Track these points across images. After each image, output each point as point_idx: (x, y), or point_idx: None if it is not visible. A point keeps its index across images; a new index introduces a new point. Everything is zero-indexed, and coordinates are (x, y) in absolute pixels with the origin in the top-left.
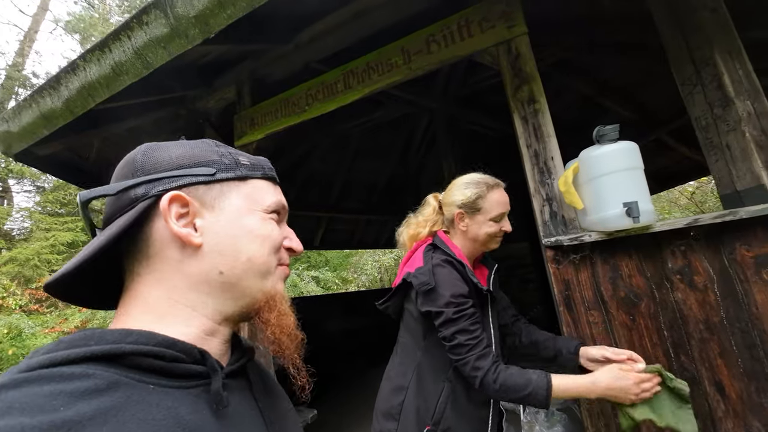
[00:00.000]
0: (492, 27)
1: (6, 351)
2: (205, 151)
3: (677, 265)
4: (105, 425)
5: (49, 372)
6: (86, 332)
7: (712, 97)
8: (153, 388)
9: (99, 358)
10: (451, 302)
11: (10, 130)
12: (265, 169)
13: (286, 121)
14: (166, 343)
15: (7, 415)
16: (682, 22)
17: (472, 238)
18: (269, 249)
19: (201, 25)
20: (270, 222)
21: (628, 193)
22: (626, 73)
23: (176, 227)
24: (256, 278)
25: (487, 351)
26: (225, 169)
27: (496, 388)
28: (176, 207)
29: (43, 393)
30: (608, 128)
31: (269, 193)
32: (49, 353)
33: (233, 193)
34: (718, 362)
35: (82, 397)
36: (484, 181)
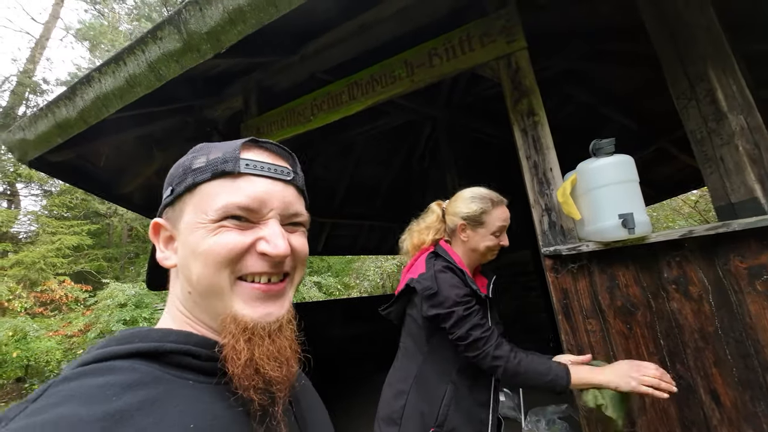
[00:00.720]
0: (493, 42)
1: (11, 353)
2: (177, 166)
3: (673, 275)
4: (150, 415)
5: (102, 366)
6: (133, 331)
7: (706, 111)
8: (191, 384)
9: (143, 355)
10: (459, 302)
11: (26, 138)
12: (218, 164)
13: (292, 131)
14: (203, 343)
15: (68, 402)
16: (676, 38)
17: (471, 249)
18: (213, 266)
19: (213, 41)
20: (216, 232)
21: (624, 205)
22: (628, 83)
23: (158, 252)
24: (210, 299)
25: (500, 340)
26: (179, 183)
27: (520, 372)
28: (162, 232)
29: (97, 384)
30: (604, 142)
31: (219, 196)
32: (103, 348)
33: (187, 208)
34: (713, 371)
35: (129, 389)
36: (489, 197)
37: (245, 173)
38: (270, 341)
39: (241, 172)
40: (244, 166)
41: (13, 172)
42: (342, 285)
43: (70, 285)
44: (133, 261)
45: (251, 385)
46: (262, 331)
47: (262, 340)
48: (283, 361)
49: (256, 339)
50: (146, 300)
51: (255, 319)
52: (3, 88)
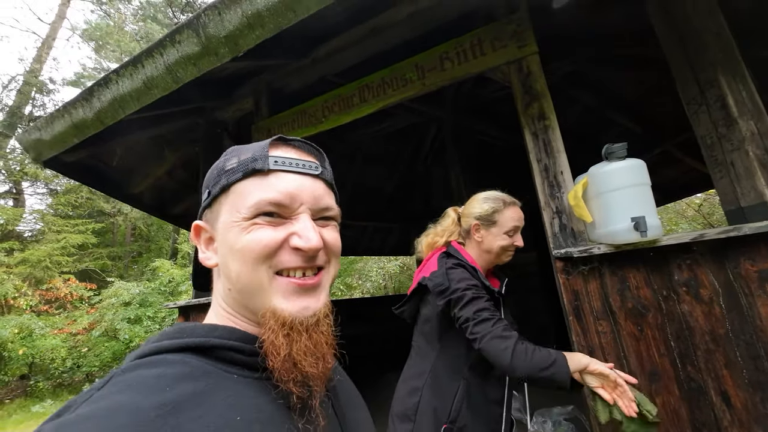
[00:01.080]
0: (504, 46)
1: (16, 351)
2: (212, 169)
3: (683, 277)
4: (200, 407)
5: (156, 358)
6: (181, 326)
7: (716, 116)
8: (236, 378)
9: (192, 349)
10: (469, 287)
11: (42, 138)
12: (248, 163)
13: (303, 132)
14: (246, 338)
15: (127, 391)
16: (686, 43)
17: (486, 250)
18: (252, 261)
19: (231, 45)
20: (252, 228)
21: (636, 208)
22: (634, 87)
23: (200, 253)
24: (251, 296)
25: (509, 326)
26: (214, 185)
27: (529, 356)
28: (203, 234)
29: (152, 375)
30: (617, 146)
31: (251, 194)
32: (157, 342)
33: (223, 208)
34: (723, 373)
35: (181, 380)
36: (502, 198)
37: (274, 170)
38: (307, 336)
39: (270, 169)
40: (273, 163)
41: (18, 171)
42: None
43: (75, 283)
44: (137, 260)
45: (291, 378)
46: (300, 326)
47: (299, 336)
48: (320, 356)
49: (293, 334)
50: (150, 299)
51: (293, 314)
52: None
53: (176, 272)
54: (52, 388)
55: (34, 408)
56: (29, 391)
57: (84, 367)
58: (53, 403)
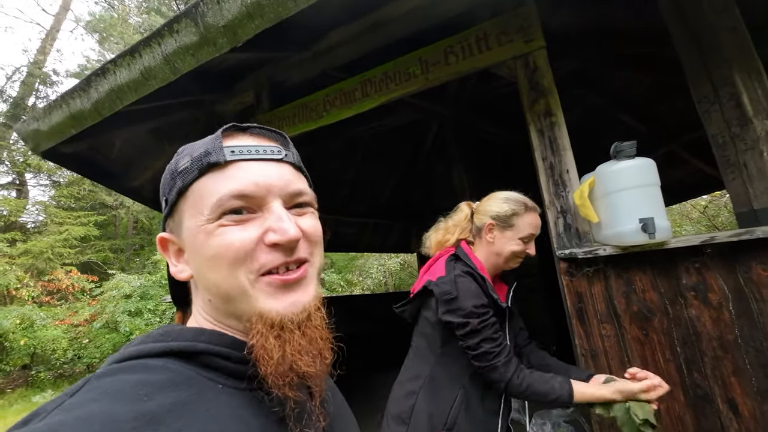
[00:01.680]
0: (510, 41)
1: (18, 341)
2: (164, 174)
3: (692, 281)
4: (180, 419)
5: (136, 363)
6: (166, 328)
7: (729, 115)
8: (221, 387)
9: (177, 354)
10: (474, 312)
11: (40, 128)
12: (202, 158)
13: (304, 126)
14: (234, 345)
15: (102, 399)
16: (699, 40)
17: (496, 252)
18: (227, 267)
19: (229, 35)
20: (219, 231)
21: (644, 209)
22: (639, 85)
23: (171, 267)
24: (233, 303)
25: (510, 357)
26: (169, 191)
27: (522, 391)
28: (171, 246)
29: (131, 382)
30: (626, 144)
31: (210, 189)
32: (138, 345)
33: (184, 214)
34: (731, 380)
35: (161, 389)
36: (523, 201)
37: (232, 160)
38: (300, 334)
39: (227, 160)
40: (229, 153)
41: (22, 162)
42: (345, 282)
43: (77, 275)
44: (139, 253)
45: (286, 382)
46: (290, 324)
47: (291, 334)
48: (316, 353)
49: (285, 334)
50: (151, 292)
51: (281, 312)
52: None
53: None
54: (53, 378)
55: (35, 398)
56: (31, 382)
57: (85, 358)
58: (54, 393)
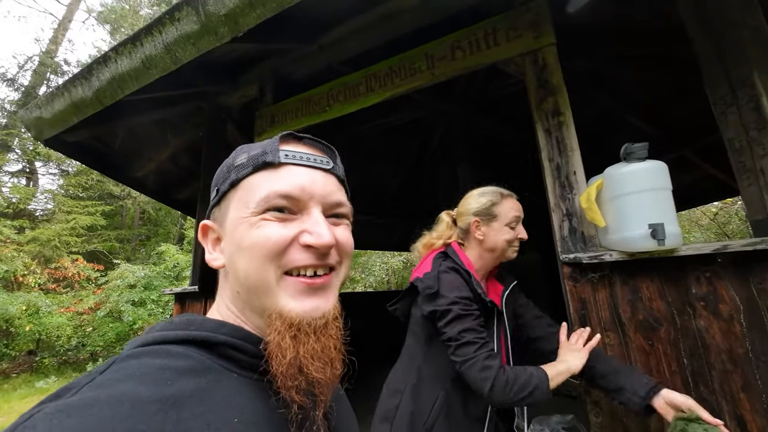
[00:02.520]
0: (519, 36)
1: (24, 327)
2: (221, 167)
3: (701, 291)
4: (201, 404)
5: (160, 348)
6: (189, 317)
7: (747, 118)
8: (236, 377)
9: (197, 343)
10: (457, 301)
11: (43, 116)
12: (258, 157)
13: (307, 120)
14: (251, 339)
15: (130, 380)
16: (719, 39)
17: (490, 248)
18: (260, 258)
19: (230, 24)
20: (261, 224)
21: (655, 214)
22: (650, 88)
23: (207, 253)
24: (257, 296)
25: (493, 353)
26: (223, 182)
27: (509, 387)
28: (211, 234)
29: (155, 366)
30: (637, 146)
31: (261, 187)
32: (162, 331)
33: (231, 205)
34: (740, 396)
35: (183, 374)
36: (498, 191)
37: (285, 163)
38: (315, 339)
39: (281, 162)
40: (283, 156)
41: (32, 151)
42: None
43: (83, 264)
44: (144, 243)
45: (294, 385)
46: (307, 328)
47: (307, 338)
48: (327, 361)
49: (301, 336)
50: (155, 282)
51: (301, 314)
52: (26, 68)
53: (181, 257)
54: (57, 364)
55: (39, 383)
56: (35, 367)
57: (88, 346)
58: (57, 379)
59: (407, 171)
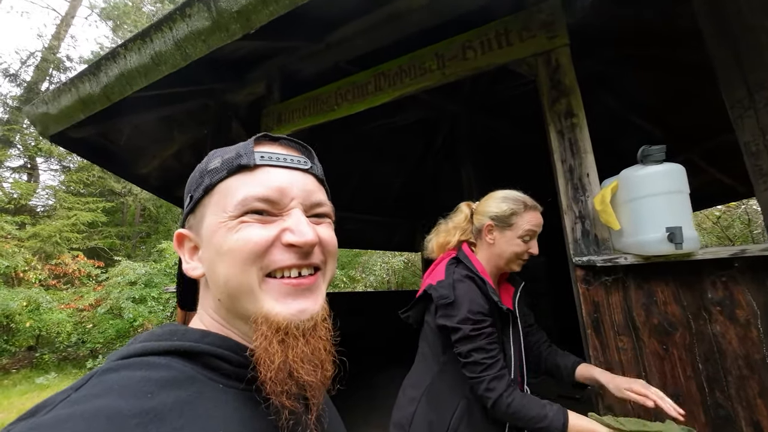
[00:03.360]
0: (532, 37)
1: (24, 323)
2: (193, 173)
3: (718, 296)
4: (182, 416)
5: (141, 360)
6: (172, 327)
7: (765, 122)
8: (222, 388)
9: (180, 353)
10: (469, 318)
11: (49, 112)
12: (233, 161)
13: (314, 119)
14: (236, 348)
15: (108, 394)
16: (736, 41)
17: (497, 254)
18: (239, 264)
19: (242, 21)
20: (240, 227)
21: (672, 218)
22: (659, 90)
23: (184, 263)
24: (240, 301)
25: (502, 373)
26: (196, 188)
27: (509, 413)
28: (187, 242)
29: (135, 378)
30: (654, 149)
31: (237, 189)
32: (143, 342)
33: (207, 211)
34: (757, 402)
35: (164, 387)
36: (523, 200)
37: (261, 165)
38: (304, 342)
39: (257, 164)
40: (259, 158)
41: (34, 146)
42: (347, 278)
43: (83, 260)
44: (145, 240)
45: (284, 390)
46: (296, 331)
47: (296, 341)
48: (318, 363)
49: (289, 340)
50: (156, 280)
51: (288, 318)
52: (28, 64)
53: None
54: (57, 361)
55: (39, 379)
56: (35, 363)
57: (88, 342)
58: (57, 375)
59: (410, 171)
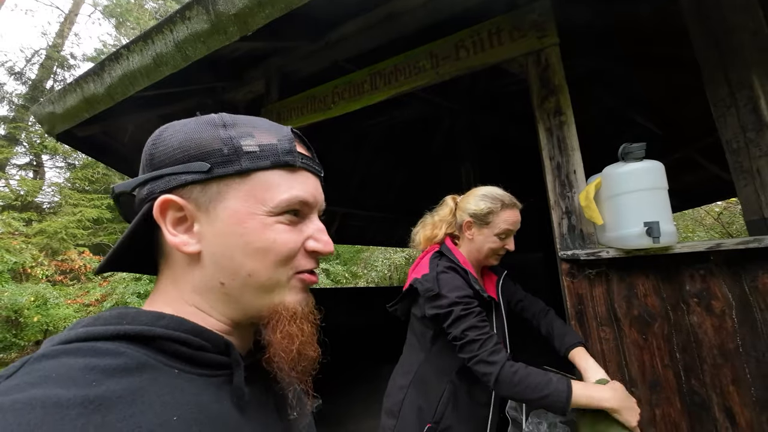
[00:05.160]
0: (523, 36)
1: (32, 318)
2: (206, 138)
3: (695, 288)
4: (132, 405)
5: (84, 346)
6: (121, 310)
7: (745, 120)
8: (177, 373)
9: (131, 338)
10: (457, 302)
11: (55, 111)
12: (279, 154)
13: (311, 118)
14: (194, 331)
15: (44, 384)
16: (719, 41)
17: (476, 249)
18: (273, 262)
19: (240, 23)
20: (276, 227)
21: (650, 213)
22: (656, 87)
23: (169, 235)
24: (258, 294)
25: (498, 347)
26: (223, 163)
27: (515, 382)
28: (172, 212)
29: (78, 366)
30: (634, 146)
31: (280, 188)
32: (87, 327)
33: (231, 193)
34: (730, 389)
35: (112, 374)
36: (501, 198)
37: (301, 168)
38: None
39: (298, 166)
40: (300, 160)
41: (39, 144)
42: (350, 274)
43: (89, 256)
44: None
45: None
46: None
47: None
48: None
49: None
50: None
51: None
52: (33, 62)
53: None
54: None
55: None
56: None
57: None
58: None
59: (411, 168)
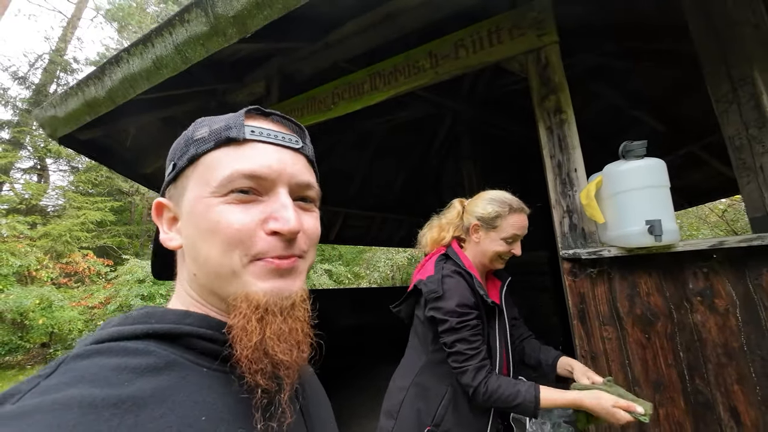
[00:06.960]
0: (522, 35)
1: (37, 320)
2: (179, 140)
3: (698, 286)
4: (163, 404)
5: (115, 345)
6: (148, 310)
7: (748, 116)
8: (206, 371)
9: (159, 336)
10: (456, 311)
11: (57, 115)
12: (221, 132)
13: (312, 118)
14: (220, 327)
15: (79, 384)
16: (720, 36)
17: (482, 252)
18: (221, 247)
19: (239, 25)
20: (220, 208)
21: (652, 211)
22: (660, 84)
23: (162, 234)
24: (220, 282)
25: (484, 363)
26: (181, 156)
27: (485, 398)
28: (166, 212)
29: (110, 366)
30: (635, 144)
31: (224, 163)
32: (118, 327)
33: (189, 182)
34: (734, 388)
35: (143, 373)
36: (508, 202)
37: (251, 140)
38: (282, 320)
39: (246, 138)
40: (249, 132)
41: (43, 148)
42: (352, 274)
43: (93, 259)
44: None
45: (259, 368)
46: (274, 308)
47: (274, 318)
48: (294, 343)
49: (268, 317)
50: None
51: (267, 294)
52: (36, 66)
53: None
54: None
55: None
56: (48, 359)
57: None
58: None
59: (412, 167)
